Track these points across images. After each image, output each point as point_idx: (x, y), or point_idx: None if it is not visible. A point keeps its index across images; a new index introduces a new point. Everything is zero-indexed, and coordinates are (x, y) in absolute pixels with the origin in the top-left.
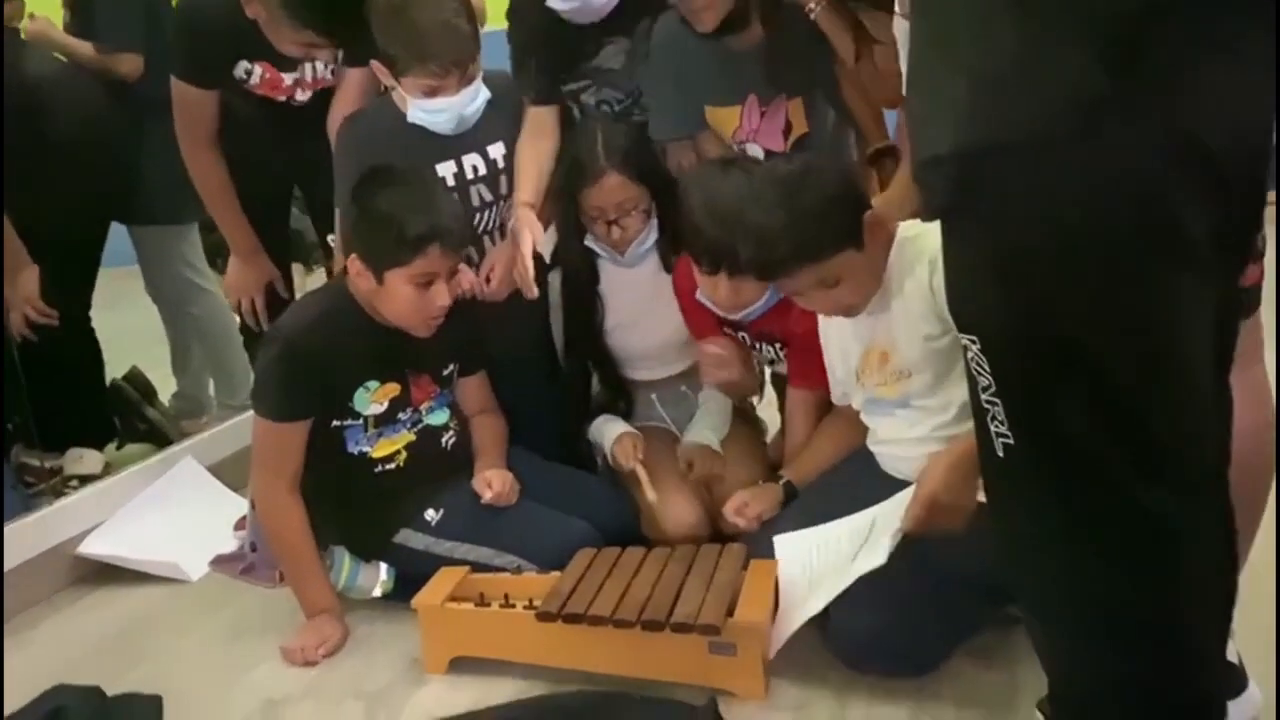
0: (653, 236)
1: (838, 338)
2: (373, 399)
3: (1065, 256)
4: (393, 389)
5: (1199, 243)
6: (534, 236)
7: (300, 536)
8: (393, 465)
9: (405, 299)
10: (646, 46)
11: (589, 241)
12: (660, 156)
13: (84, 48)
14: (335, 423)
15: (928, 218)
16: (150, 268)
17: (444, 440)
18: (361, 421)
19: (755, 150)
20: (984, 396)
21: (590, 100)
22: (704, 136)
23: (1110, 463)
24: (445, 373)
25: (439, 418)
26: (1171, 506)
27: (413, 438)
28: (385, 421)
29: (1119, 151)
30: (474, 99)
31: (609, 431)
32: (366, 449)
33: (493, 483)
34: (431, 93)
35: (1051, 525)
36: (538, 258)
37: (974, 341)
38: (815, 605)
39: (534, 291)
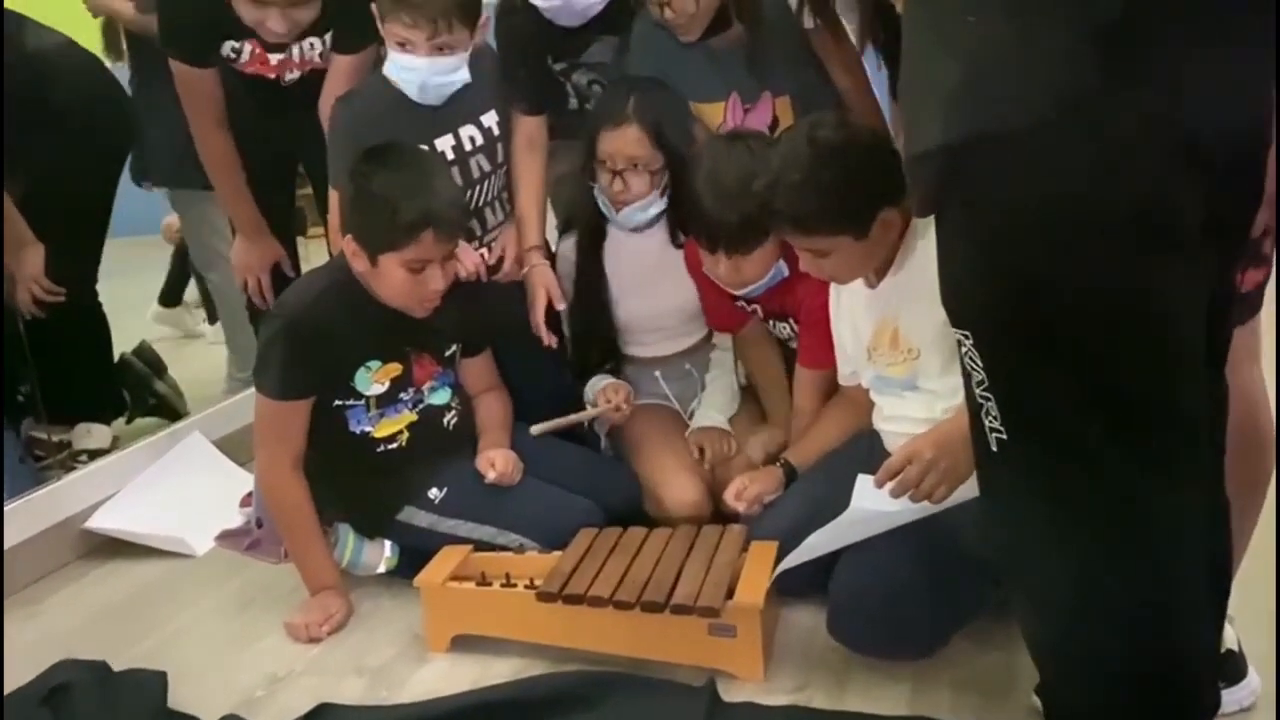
0: (655, 208)
1: (849, 313)
2: (374, 379)
3: (1053, 245)
4: (394, 369)
5: (1189, 233)
6: (551, 295)
7: (303, 513)
8: (395, 445)
9: (399, 282)
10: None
11: (596, 191)
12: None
13: (125, 9)
14: (337, 402)
15: (920, 213)
16: (185, 232)
17: (446, 420)
18: (363, 402)
19: None
20: (978, 392)
21: (582, 80)
22: (698, 128)
23: (1102, 454)
24: (448, 353)
25: (441, 397)
26: (1165, 498)
27: (414, 417)
28: (387, 402)
29: (1107, 141)
30: (447, 72)
31: (597, 383)
32: (369, 429)
33: (496, 462)
34: (401, 45)
35: (1044, 519)
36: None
37: (967, 336)
38: (824, 546)
39: (552, 341)
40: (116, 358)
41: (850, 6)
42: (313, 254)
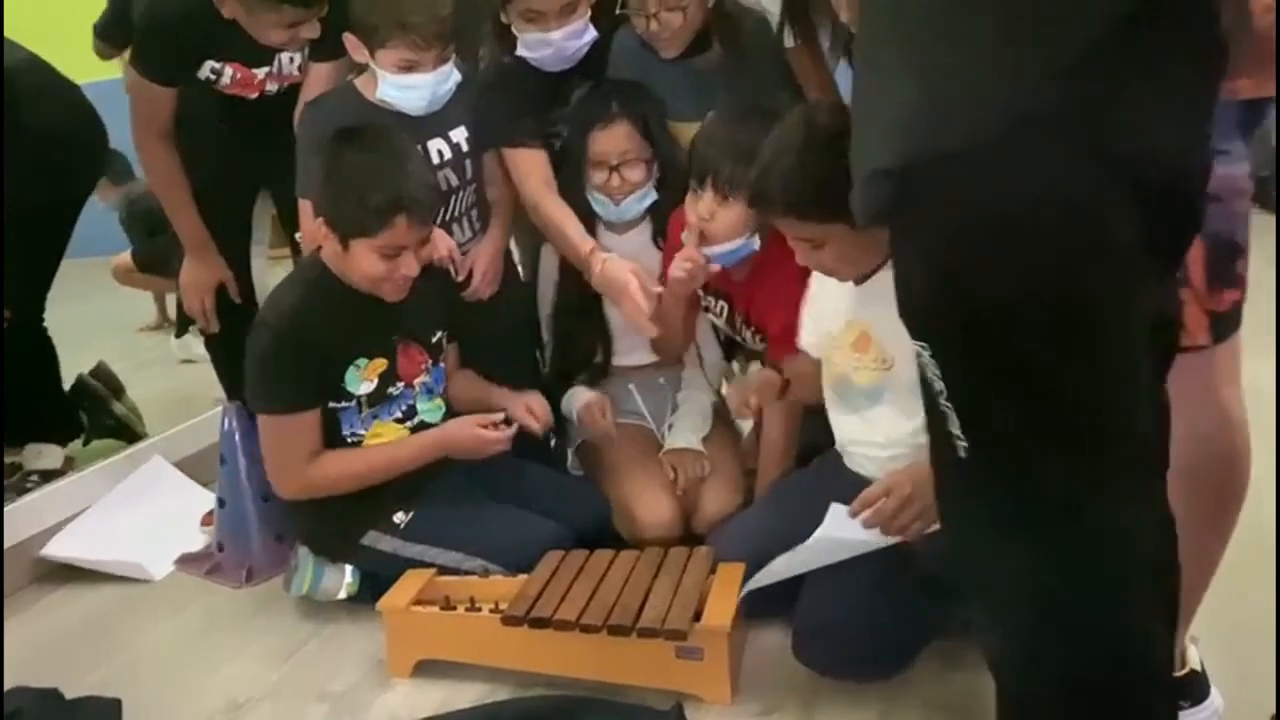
0: (650, 197)
1: (834, 295)
2: (363, 376)
3: (999, 261)
4: (380, 364)
5: (1129, 255)
6: (640, 278)
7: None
8: None
9: (371, 267)
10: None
11: (589, 194)
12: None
13: None
14: (330, 404)
15: (864, 222)
16: None
17: None
18: (354, 402)
19: None
20: (940, 401)
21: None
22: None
23: (1045, 465)
24: (434, 339)
25: (434, 414)
26: (1106, 510)
27: (405, 434)
28: (377, 400)
29: (1054, 162)
30: (447, 79)
31: (577, 399)
32: (360, 431)
33: (535, 409)
34: (408, 68)
35: (994, 530)
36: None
37: (925, 348)
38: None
39: (653, 330)
40: (74, 379)
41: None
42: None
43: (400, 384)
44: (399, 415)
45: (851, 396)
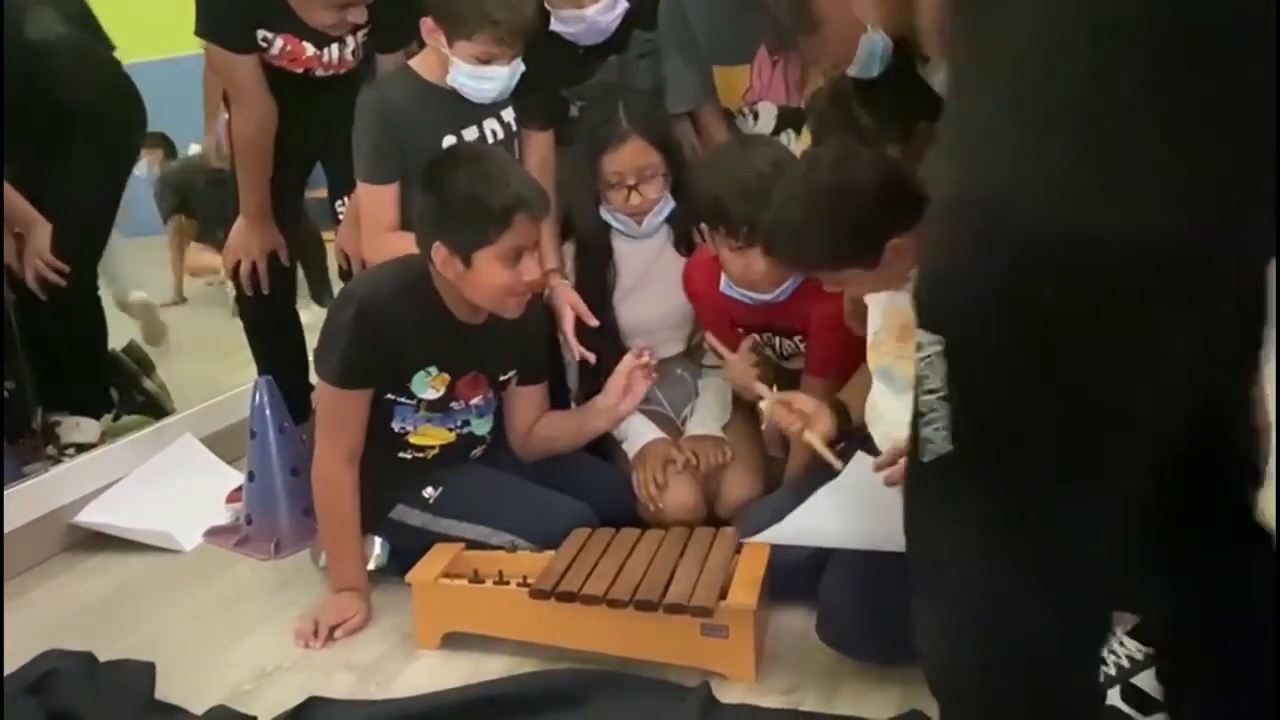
0: (668, 207)
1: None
2: (431, 384)
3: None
4: (446, 378)
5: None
6: (579, 312)
7: (347, 509)
8: (422, 455)
9: (496, 277)
10: (636, 56)
11: (603, 212)
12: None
13: None
14: (389, 395)
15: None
16: None
17: (475, 451)
18: (415, 403)
19: (768, 109)
20: (932, 399)
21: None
22: (708, 112)
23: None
24: (503, 378)
25: (483, 428)
26: (1100, 525)
27: (451, 439)
28: (437, 409)
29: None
30: (517, 72)
31: (639, 434)
32: (409, 428)
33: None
34: (487, 60)
35: (963, 533)
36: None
37: (938, 342)
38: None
39: (591, 358)
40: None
41: None
42: None
43: (460, 401)
44: (452, 425)
45: (895, 383)
